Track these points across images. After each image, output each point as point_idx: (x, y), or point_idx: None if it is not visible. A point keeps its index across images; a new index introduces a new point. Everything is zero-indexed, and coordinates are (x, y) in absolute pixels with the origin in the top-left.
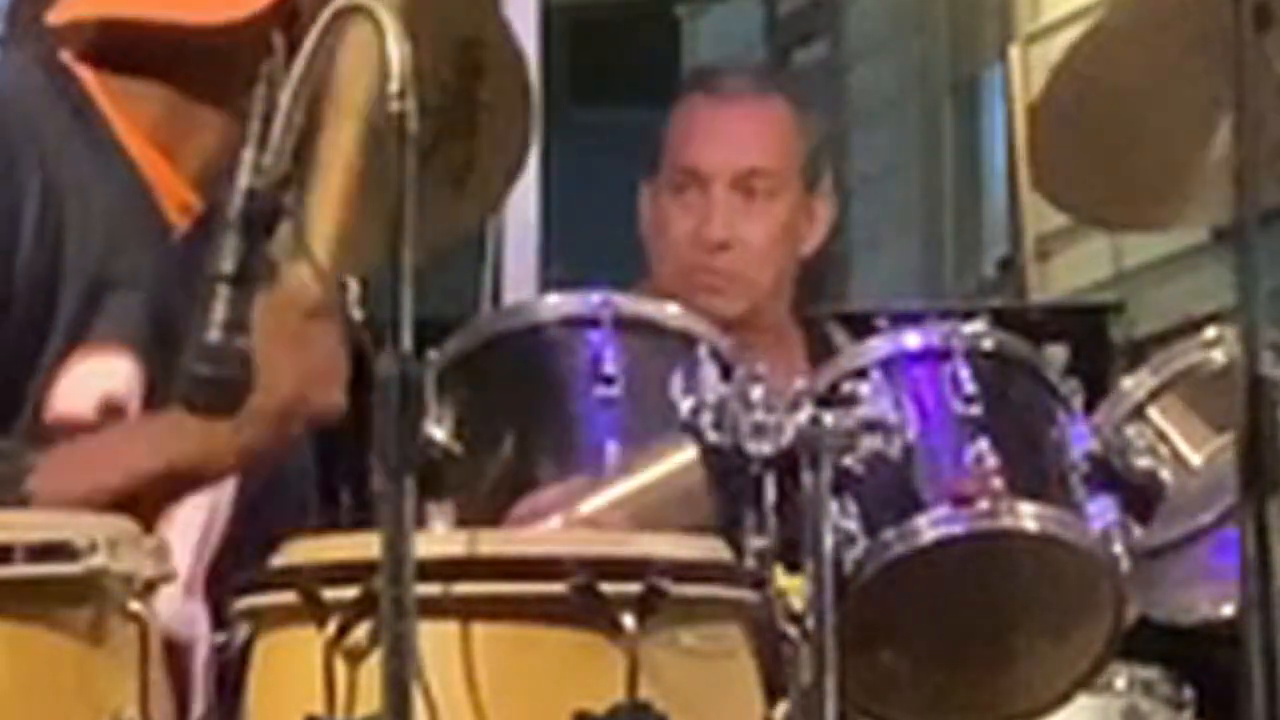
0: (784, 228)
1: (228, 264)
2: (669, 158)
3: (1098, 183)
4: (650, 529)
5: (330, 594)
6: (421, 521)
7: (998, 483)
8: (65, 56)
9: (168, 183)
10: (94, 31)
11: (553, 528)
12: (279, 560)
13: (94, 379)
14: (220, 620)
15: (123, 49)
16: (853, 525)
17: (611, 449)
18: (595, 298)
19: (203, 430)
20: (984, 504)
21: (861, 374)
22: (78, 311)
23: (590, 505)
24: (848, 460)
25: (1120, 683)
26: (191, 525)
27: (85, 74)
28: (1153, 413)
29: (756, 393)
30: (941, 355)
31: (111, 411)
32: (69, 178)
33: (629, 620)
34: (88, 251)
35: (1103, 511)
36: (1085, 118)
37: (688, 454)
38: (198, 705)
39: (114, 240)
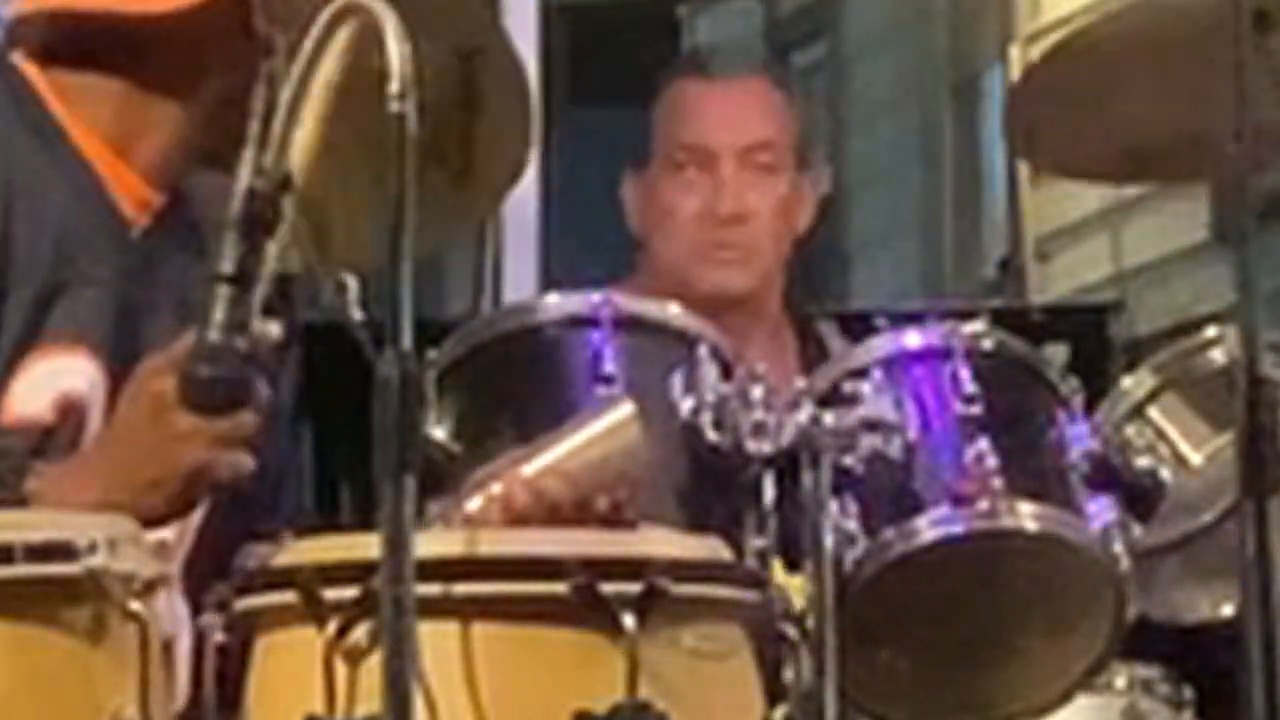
0: (784, 202)
1: (228, 264)
2: (665, 140)
3: (1085, 138)
4: (590, 486)
5: (330, 594)
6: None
7: (998, 483)
8: (14, 56)
9: (123, 180)
10: (43, 27)
11: (496, 493)
12: (279, 560)
13: (53, 378)
14: (197, 613)
15: (72, 42)
16: (853, 525)
17: None
18: (595, 298)
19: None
20: (984, 504)
21: (861, 374)
22: (29, 313)
23: (531, 467)
24: (848, 460)
25: (1120, 683)
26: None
27: (34, 73)
28: (1153, 412)
29: (756, 392)
30: (941, 355)
31: (71, 410)
32: (19, 179)
33: (629, 620)
34: (39, 252)
35: (1103, 511)
36: (1077, 83)
37: (623, 411)
38: (180, 697)
39: (68, 240)
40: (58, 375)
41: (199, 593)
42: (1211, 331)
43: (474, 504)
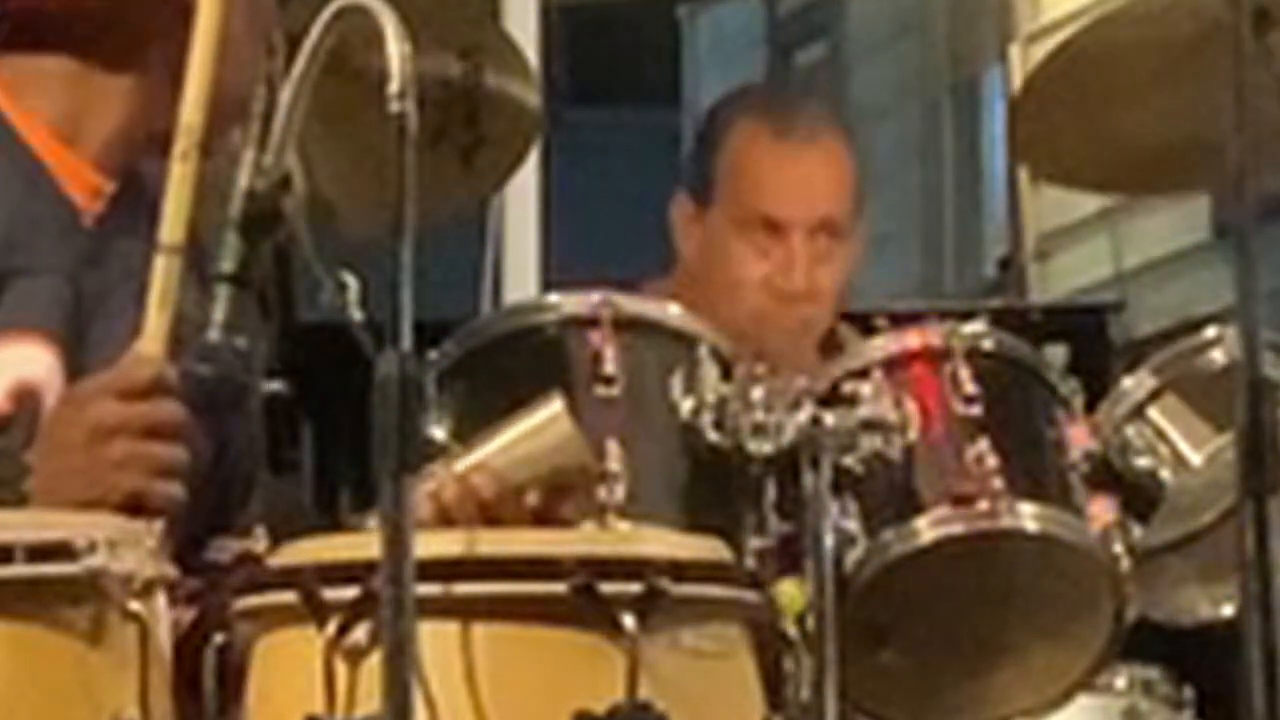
0: (848, 266)
1: (228, 264)
2: (734, 194)
3: (1088, 149)
4: (519, 482)
5: (330, 594)
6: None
7: (998, 483)
8: None
9: (72, 169)
10: None
11: (426, 490)
12: (279, 560)
13: (7, 368)
14: (172, 598)
15: (17, 25)
16: (853, 525)
17: (611, 449)
18: (595, 298)
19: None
20: (984, 504)
21: (861, 374)
22: None
23: (464, 462)
24: (848, 460)
25: (1120, 683)
26: None
27: None
28: (1153, 413)
29: (756, 393)
30: (941, 355)
31: (27, 398)
32: None
33: (629, 620)
34: None
35: (1103, 511)
36: (1078, 89)
37: (552, 408)
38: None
39: (17, 231)
40: (13, 364)
41: (171, 586)
42: (1211, 331)
43: None
